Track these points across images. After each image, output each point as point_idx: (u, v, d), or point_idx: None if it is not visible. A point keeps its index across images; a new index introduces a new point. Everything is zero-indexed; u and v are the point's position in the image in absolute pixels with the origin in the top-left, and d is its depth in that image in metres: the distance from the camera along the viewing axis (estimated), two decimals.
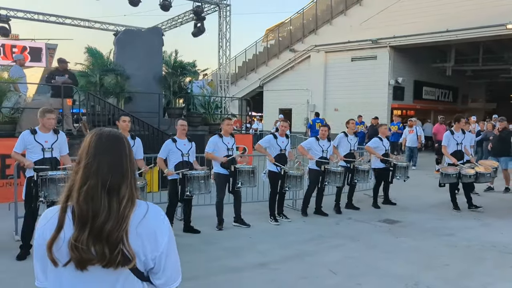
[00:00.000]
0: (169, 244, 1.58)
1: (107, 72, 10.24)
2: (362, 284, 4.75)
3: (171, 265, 1.60)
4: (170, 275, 1.61)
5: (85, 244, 1.44)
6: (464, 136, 8.30)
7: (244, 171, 6.88)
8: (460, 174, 8.01)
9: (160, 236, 1.55)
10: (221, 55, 16.69)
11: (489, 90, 29.21)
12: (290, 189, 7.38)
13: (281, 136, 7.43)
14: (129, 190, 1.53)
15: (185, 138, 6.59)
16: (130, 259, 1.48)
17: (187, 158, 6.52)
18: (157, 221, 1.57)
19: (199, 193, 6.52)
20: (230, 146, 6.91)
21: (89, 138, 1.57)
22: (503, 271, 5.19)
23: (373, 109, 19.50)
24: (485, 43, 20.91)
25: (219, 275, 5.00)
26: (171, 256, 1.59)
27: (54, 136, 5.75)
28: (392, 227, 7.26)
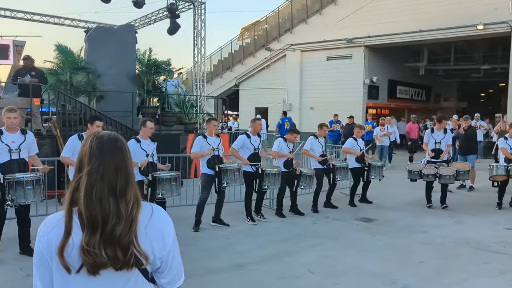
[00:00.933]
0: (174, 242, 1.61)
1: (77, 70, 9.93)
2: (340, 283, 4.73)
3: (176, 263, 1.63)
4: (176, 273, 1.63)
5: (97, 248, 1.43)
6: (444, 136, 8.41)
7: (229, 170, 6.78)
8: (421, 173, 8.25)
9: (167, 235, 1.58)
10: (196, 54, 16.49)
11: (460, 90, 30.00)
12: (269, 187, 7.33)
13: (254, 135, 7.36)
14: (134, 191, 1.53)
15: (148, 138, 6.41)
16: (142, 260, 1.50)
17: (152, 159, 6.36)
18: (163, 220, 1.60)
19: (170, 195, 6.36)
20: (215, 146, 6.77)
21: (88, 143, 1.55)
22: (477, 267, 5.27)
23: (348, 108, 19.66)
24: (457, 44, 21.41)
25: (195, 277, 4.88)
26: (176, 254, 1.62)
27: (21, 136, 5.52)
28: (368, 225, 7.30)
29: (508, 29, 16.82)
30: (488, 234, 6.66)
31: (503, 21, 16.76)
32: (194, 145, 6.83)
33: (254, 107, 23.81)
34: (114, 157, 1.52)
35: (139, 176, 6.24)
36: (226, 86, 25.04)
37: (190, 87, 16.23)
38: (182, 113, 11.48)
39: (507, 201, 8.53)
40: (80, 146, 5.00)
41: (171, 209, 7.25)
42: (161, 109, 11.76)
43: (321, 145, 8.29)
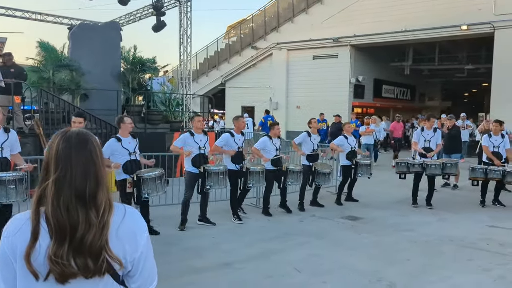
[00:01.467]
0: (147, 245, 1.53)
1: (60, 67, 9.75)
2: (327, 281, 4.73)
3: (148, 266, 1.54)
4: (147, 277, 1.54)
5: (66, 258, 1.35)
6: (434, 134, 8.48)
7: (214, 172, 6.69)
8: (408, 164, 8.38)
9: (139, 236, 1.50)
10: (182, 52, 16.36)
11: (445, 89, 30.36)
12: (254, 185, 7.31)
13: (237, 133, 7.33)
14: (105, 194, 1.44)
15: (128, 135, 6.31)
16: (114, 264, 1.43)
17: (135, 157, 6.27)
18: (136, 222, 1.53)
19: (156, 194, 6.29)
20: (202, 144, 6.69)
21: (55, 146, 1.44)
22: (461, 264, 5.33)
23: (334, 107, 19.76)
24: (441, 44, 21.66)
25: (181, 276, 4.84)
26: (149, 257, 1.54)
27: (4, 135, 5.44)
28: (354, 223, 7.33)
29: (491, 30, 17.08)
30: (472, 232, 6.74)
31: (487, 22, 17.01)
32: (178, 139, 6.77)
33: (240, 106, 23.76)
34: (82, 161, 1.42)
35: (122, 175, 6.17)
36: (212, 85, 24.94)
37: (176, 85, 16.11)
38: (168, 111, 11.38)
39: (490, 199, 8.66)
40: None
41: (157, 208, 7.19)
42: (147, 108, 11.64)
43: (312, 143, 8.28)
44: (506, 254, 5.68)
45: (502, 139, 8.49)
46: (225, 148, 7.24)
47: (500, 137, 8.52)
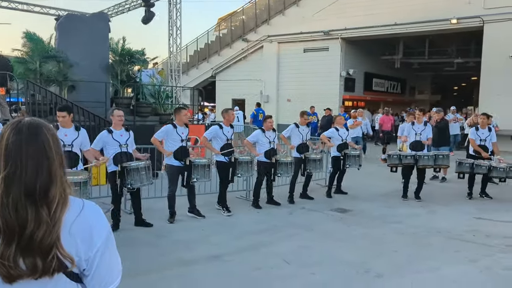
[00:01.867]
0: (106, 243, 1.42)
1: (47, 58, 9.60)
2: (316, 273, 4.75)
3: (105, 266, 1.43)
4: (104, 277, 1.43)
5: (12, 260, 1.27)
6: (424, 128, 8.52)
7: (200, 165, 6.70)
8: (401, 156, 8.39)
9: (96, 234, 1.40)
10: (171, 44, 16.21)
11: (434, 83, 30.54)
12: (242, 175, 7.32)
13: (226, 125, 7.31)
14: (59, 189, 1.35)
15: (121, 128, 6.29)
16: (66, 263, 1.33)
17: (126, 149, 6.24)
18: (94, 218, 1.42)
19: (141, 185, 6.24)
20: (184, 137, 6.70)
21: (4, 141, 1.33)
22: (448, 255, 5.38)
23: (325, 100, 19.77)
24: (431, 37, 21.74)
25: (171, 268, 4.83)
26: (105, 256, 1.42)
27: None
28: (343, 216, 7.36)
29: (481, 24, 17.18)
30: (459, 224, 6.81)
31: (476, 16, 17.10)
32: (160, 131, 6.74)
33: (231, 99, 23.67)
34: (33, 155, 1.33)
35: (112, 167, 6.14)
36: (202, 77, 24.79)
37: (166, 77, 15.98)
38: (157, 104, 11.29)
39: (478, 191, 8.74)
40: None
41: (146, 201, 7.15)
42: (136, 100, 11.54)
43: (301, 134, 8.27)
44: (492, 245, 5.75)
45: (489, 133, 8.58)
46: (214, 141, 7.24)
47: (487, 130, 8.60)
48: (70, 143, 5.68)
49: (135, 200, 6.46)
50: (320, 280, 4.57)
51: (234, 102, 23.07)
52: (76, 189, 5.48)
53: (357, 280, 4.57)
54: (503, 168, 8.19)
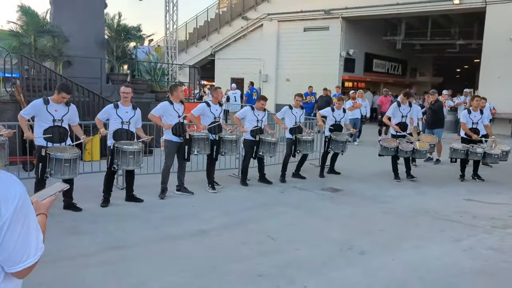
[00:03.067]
0: (15, 214, 1.34)
1: (43, 33, 9.53)
2: (300, 248, 4.83)
3: (14, 240, 1.35)
4: (11, 252, 1.36)
5: None
6: (410, 109, 8.52)
7: (200, 138, 6.87)
8: (398, 149, 8.27)
9: (3, 204, 1.32)
10: (168, 20, 16.02)
11: (436, 64, 30.24)
12: (226, 154, 7.38)
13: (214, 104, 7.30)
14: None
15: (129, 105, 6.31)
16: None
17: (127, 127, 6.26)
18: (4, 188, 1.34)
19: (126, 167, 6.27)
20: (180, 113, 6.75)
21: None
22: (433, 235, 5.45)
23: (324, 80, 19.65)
24: (434, 18, 21.46)
25: (157, 243, 4.92)
26: (16, 229, 1.35)
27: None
28: (334, 195, 7.42)
29: (483, 5, 16.93)
30: (448, 205, 6.86)
31: None
32: (157, 108, 6.76)
33: (230, 77, 23.54)
34: None
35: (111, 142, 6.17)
36: (201, 55, 24.61)
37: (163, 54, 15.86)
38: (153, 81, 11.25)
39: (470, 173, 8.78)
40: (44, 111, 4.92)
41: (139, 177, 7.20)
42: (131, 77, 11.49)
43: (294, 116, 8.28)
44: (478, 226, 5.81)
45: (481, 115, 8.57)
46: (202, 118, 7.27)
47: (479, 113, 8.58)
48: (60, 118, 5.70)
49: (128, 176, 6.52)
50: (304, 255, 4.64)
51: (232, 81, 22.96)
52: (67, 165, 5.53)
53: (340, 256, 4.64)
54: (497, 154, 8.21)
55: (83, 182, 6.65)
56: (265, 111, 7.90)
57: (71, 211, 5.81)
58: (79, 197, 5.97)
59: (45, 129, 5.61)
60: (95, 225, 5.38)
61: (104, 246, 4.70)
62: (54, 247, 4.52)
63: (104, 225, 5.41)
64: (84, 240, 4.89)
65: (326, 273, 4.20)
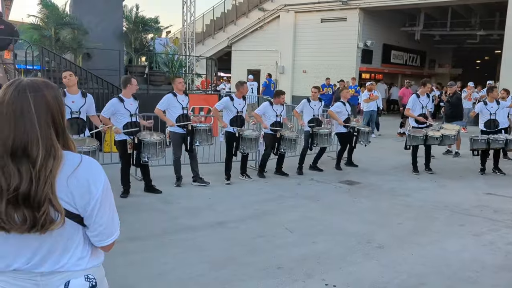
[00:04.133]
0: (103, 195, 1.50)
1: (63, 25, 9.63)
2: (317, 242, 4.83)
3: (104, 219, 1.52)
4: (102, 230, 1.53)
5: (4, 214, 1.35)
6: (428, 100, 8.43)
7: (202, 129, 6.91)
8: (427, 136, 8.16)
9: (93, 187, 1.47)
10: (185, 12, 16.02)
11: (456, 56, 29.64)
12: (244, 151, 7.35)
13: (238, 98, 7.31)
14: (45, 146, 1.39)
15: (131, 97, 6.35)
16: (55, 216, 1.40)
17: (135, 118, 6.35)
18: (91, 171, 1.49)
19: (156, 159, 6.39)
20: (184, 105, 6.80)
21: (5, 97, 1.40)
22: (451, 229, 5.39)
23: (341, 71, 19.48)
24: (454, 8, 20.98)
25: (176, 234, 4.98)
26: (105, 207, 1.52)
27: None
28: (351, 188, 7.38)
29: None
30: (468, 199, 6.77)
31: None
32: (162, 101, 6.81)
33: (246, 69, 23.47)
34: (14, 116, 1.38)
35: (122, 136, 6.23)
36: (218, 47, 24.57)
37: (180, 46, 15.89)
38: (171, 72, 11.29)
39: (491, 167, 8.62)
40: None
41: (156, 168, 7.29)
42: (149, 68, 11.56)
43: (312, 109, 8.24)
44: (499, 220, 5.72)
45: (497, 106, 8.39)
46: (224, 112, 7.29)
47: (495, 103, 8.40)
48: (78, 110, 5.78)
49: (144, 169, 6.60)
50: (321, 248, 4.64)
51: (249, 72, 22.89)
52: None
53: (357, 250, 4.62)
54: None
55: None
56: (283, 105, 7.88)
57: None
58: None
59: None
60: None
61: (123, 237, 4.68)
62: None
63: (123, 216, 5.44)
64: None
65: (344, 267, 4.20)
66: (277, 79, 21.66)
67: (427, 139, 8.18)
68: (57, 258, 1.49)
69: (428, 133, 8.17)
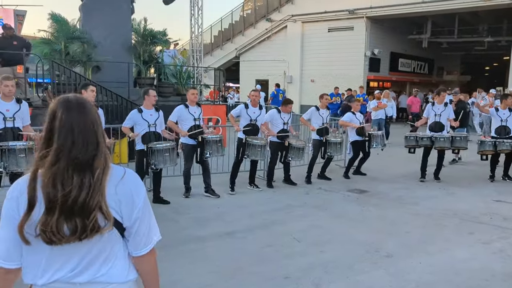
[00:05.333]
0: (144, 208, 1.59)
1: (72, 39, 9.84)
2: (325, 251, 4.84)
3: (143, 230, 1.61)
4: (140, 240, 1.61)
5: (55, 227, 1.41)
6: (444, 109, 8.37)
7: (212, 141, 6.87)
8: (417, 138, 8.28)
9: (136, 197, 1.56)
10: (193, 24, 16.23)
11: (464, 63, 29.53)
12: (249, 157, 7.32)
13: (253, 106, 7.37)
14: (103, 159, 1.49)
15: (152, 108, 6.48)
16: (104, 222, 1.47)
17: (154, 129, 6.43)
18: (134, 184, 1.58)
19: (164, 166, 6.44)
20: (196, 116, 6.84)
21: (55, 110, 1.47)
22: (460, 237, 5.36)
23: (349, 80, 19.53)
24: (461, 15, 20.98)
25: (185, 244, 5.01)
26: (144, 220, 1.60)
27: (16, 105, 5.60)
28: (360, 196, 7.37)
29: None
30: (477, 206, 6.72)
31: None
32: (173, 113, 6.88)
33: (254, 79, 23.65)
34: (82, 127, 1.46)
35: (140, 145, 6.36)
36: (226, 58, 24.81)
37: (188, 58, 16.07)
38: (179, 84, 11.43)
39: (501, 174, 8.56)
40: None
41: (167, 179, 7.36)
42: (158, 80, 11.71)
43: (321, 117, 8.27)
44: (509, 228, 5.68)
45: (510, 113, 8.35)
46: (239, 119, 7.44)
47: (508, 110, 8.37)
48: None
49: (156, 178, 6.67)
50: (329, 258, 4.65)
51: (257, 82, 23.05)
52: None
53: (366, 259, 4.62)
54: None
55: None
56: (290, 114, 7.93)
57: None
58: None
59: None
60: None
61: None
62: None
63: None
64: None
65: (352, 276, 4.20)
66: (285, 89, 21.76)
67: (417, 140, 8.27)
68: (98, 268, 1.54)
69: (418, 135, 8.30)
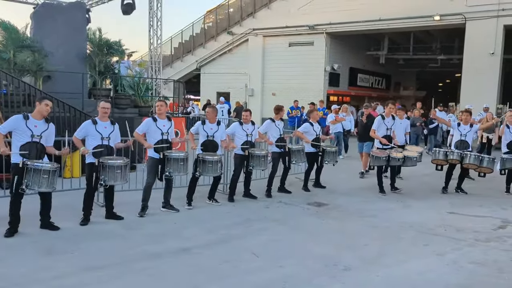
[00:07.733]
0: None
1: (22, 48, 9.40)
2: (284, 266, 4.74)
3: None
4: None
5: None
6: (393, 122, 8.57)
7: (173, 158, 6.55)
8: (389, 157, 8.30)
9: None
10: (151, 35, 15.99)
11: (420, 79, 30.71)
12: (201, 174, 7.07)
13: (211, 122, 7.22)
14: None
15: (107, 120, 6.19)
16: None
17: (107, 142, 6.13)
18: None
19: (114, 183, 6.12)
20: (165, 130, 6.60)
21: None
22: (417, 249, 5.41)
23: (310, 94, 19.80)
24: (416, 33, 21.84)
25: (137, 262, 4.77)
26: None
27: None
28: (319, 209, 7.35)
29: (463, 21, 17.29)
30: (432, 218, 6.85)
31: (458, 13, 17.21)
32: (141, 125, 6.65)
33: (215, 92, 23.54)
34: None
35: (91, 158, 6.01)
36: (187, 70, 24.60)
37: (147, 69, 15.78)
38: (137, 96, 11.14)
39: (454, 186, 8.81)
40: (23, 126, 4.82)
41: (121, 194, 7.06)
42: (114, 91, 11.38)
43: (277, 128, 8.25)
44: (461, 239, 5.80)
45: (470, 128, 8.66)
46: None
47: (469, 126, 8.67)
48: (39, 134, 5.55)
49: (108, 193, 6.36)
50: (287, 272, 4.55)
51: (218, 95, 22.95)
52: (45, 177, 5.34)
53: (324, 273, 4.55)
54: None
55: (62, 200, 6.49)
56: (253, 125, 7.84)
57: (48, 231, 5.62)
58: (57, 216, 5.80)
59: (22, 145, 5.43)
60: (72, 245, 5.20)
61: (81, 267, 4.53)
62: (26, 270, 4.37)
63: (82, 245, 5.24)
64: (60, 261, 4.71)
65: None
66: (246, 102, 21.80)
67: (389, 159, 8.32)
68: None
69: (391, 154, 8.31)
